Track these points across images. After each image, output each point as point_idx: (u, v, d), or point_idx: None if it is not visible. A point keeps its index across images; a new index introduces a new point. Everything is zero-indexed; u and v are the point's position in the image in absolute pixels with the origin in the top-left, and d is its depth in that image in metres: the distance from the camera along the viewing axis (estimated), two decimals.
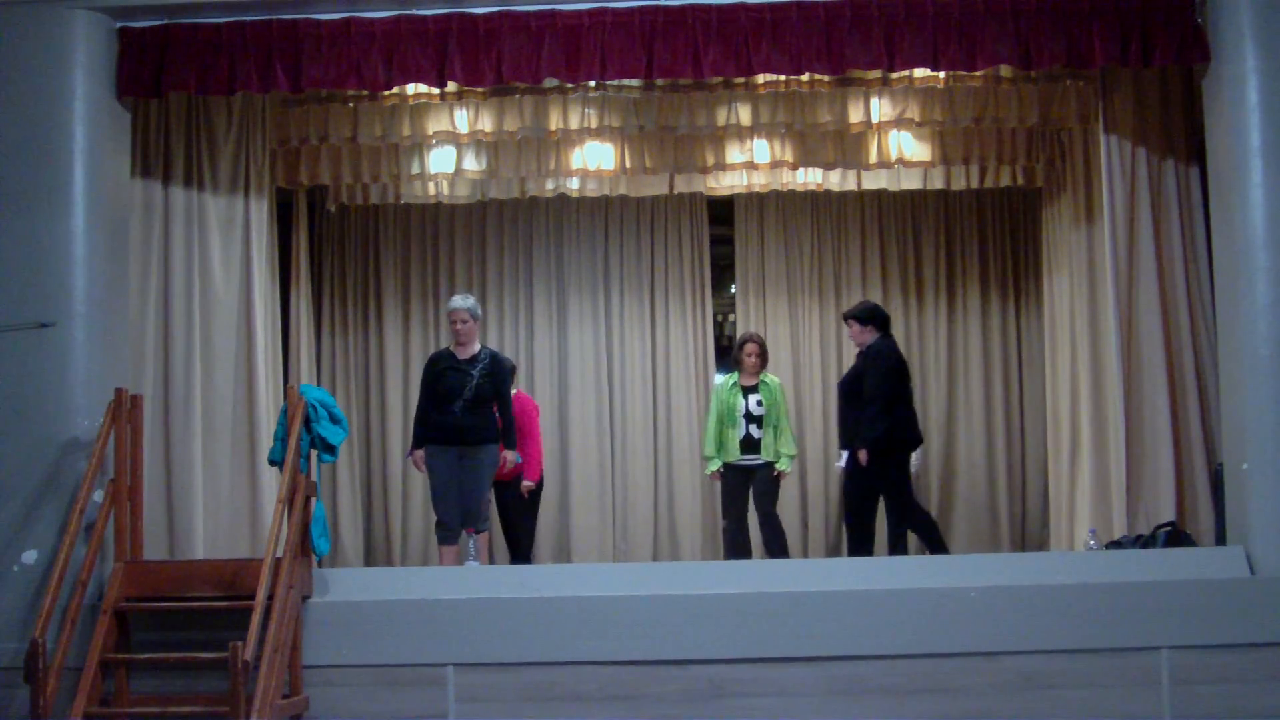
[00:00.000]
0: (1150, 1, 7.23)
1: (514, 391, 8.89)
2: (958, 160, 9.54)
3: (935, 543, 8.16)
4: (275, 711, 6.00)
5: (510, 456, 7.97)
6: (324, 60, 7.31)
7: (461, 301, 8.02)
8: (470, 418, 7.80)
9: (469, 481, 7.80)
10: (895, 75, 8.19)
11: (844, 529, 8.80)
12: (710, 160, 9.49)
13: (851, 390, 8.14)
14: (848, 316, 8.36)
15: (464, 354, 7.94)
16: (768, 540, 8.84)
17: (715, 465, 8.98)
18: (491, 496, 8.40)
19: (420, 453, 7.91)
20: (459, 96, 8.62)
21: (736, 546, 8.93)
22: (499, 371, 7.94)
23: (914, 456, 9.22)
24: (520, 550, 9.02)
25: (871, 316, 8.19)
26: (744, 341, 9.10)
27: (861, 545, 8.06)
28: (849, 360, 10.33)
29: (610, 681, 6.48)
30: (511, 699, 6.49)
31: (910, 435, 8.08)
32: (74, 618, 6.27)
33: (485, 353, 7.97)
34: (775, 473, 8.82)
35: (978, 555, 9.27)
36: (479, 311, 8.12)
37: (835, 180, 10.06)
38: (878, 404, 7.85)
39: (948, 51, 7.26)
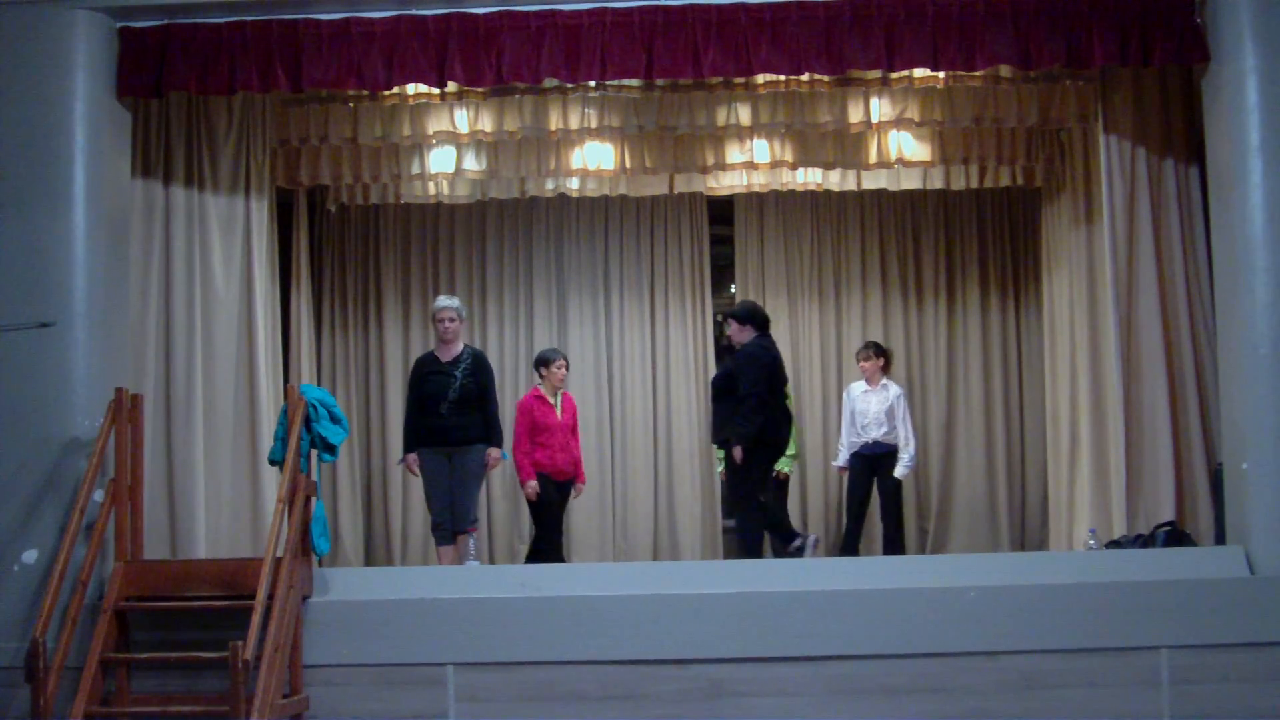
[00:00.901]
0: (1150, 1, 7.24)
1: (562, 393, 8.83)
2: (957, 160, 9.55)
3: (778, 545, 7.97)
4: (275, 711, 6.00)
5: (495, 454, 7.96)
6: (324, 60, 7.31)
7: (450, 300, 8.07)
8: (456, 418, 7.83)
9: (458, 481, 7.82)
10: (895, 75, 8.18)
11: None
12: (710, 160, 9.49)
13: (723, 388, 8.10)
14: (727, 315, 8.34)
15: (446, 355, 7.98)
16: (774, 546, 8.84)
17: (721, 467, 9.01)
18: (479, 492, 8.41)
19: (412, 456, 7.95)
20: (459, 96, 8.62)
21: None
22: (482, 371, 7.95)
23: (905, 460, 9.17)
24: (558, 551, 8.82)
25: (750, 316, 8.16)
26: None
27: (753, 543, 8.03)
28: (849, 359, 10.39)
29: (610, 681, 6.48)
30: (511, 699, 6.49)
31: (778, 436, 7.97)
32: (74, 617, 6.27)
33: (467, 353, 8.01)
34: (776, 474, 8.82)
35: (978, 555, 9.28)
36: (464, 312, 8.20)
37: (835, 180, 10.06)
38: (752, 400, 7.79)
39: (948, 51, 7.26)
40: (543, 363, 8.77)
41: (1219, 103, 7.15)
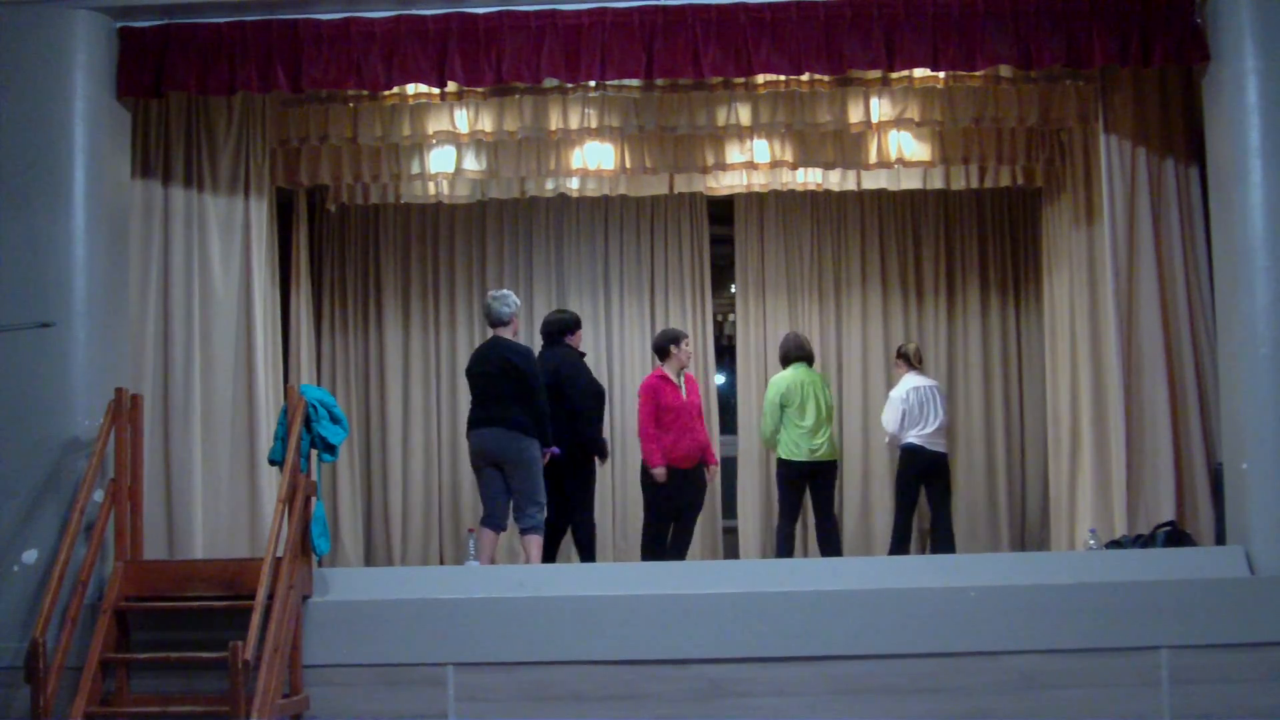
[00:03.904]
0: (1150, 1, 7.24)
1: (685, 373, 8.76)
2: (957, 160, 9.54)
3: None
4: (275, 711, 6.00)
5: None
6: (324, 60, 7.32)
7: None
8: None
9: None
10: (895, 75, 8.18)
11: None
12: (710, 160, 9.49)
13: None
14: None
15: None
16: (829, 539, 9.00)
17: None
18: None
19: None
20: (459, 96, 8.62)
21: (791, 547, 8.96)
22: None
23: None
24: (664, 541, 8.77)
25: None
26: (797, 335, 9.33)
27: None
28: (849, 359, 10.48)
29: (610, 681, 6.49)
30: (511, 699, 6.50)
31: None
32: (74, 618, 6.28)
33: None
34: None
35: (978, 555, 9.28)
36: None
37: (835, 180, 10.05)
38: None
39: (948, 51, 7.27)
40: (673, 340, 8.75)
41: (1219, 103, 7.15)
